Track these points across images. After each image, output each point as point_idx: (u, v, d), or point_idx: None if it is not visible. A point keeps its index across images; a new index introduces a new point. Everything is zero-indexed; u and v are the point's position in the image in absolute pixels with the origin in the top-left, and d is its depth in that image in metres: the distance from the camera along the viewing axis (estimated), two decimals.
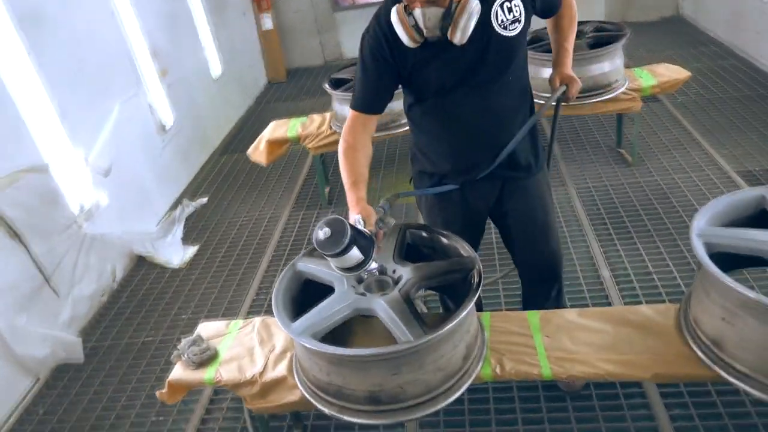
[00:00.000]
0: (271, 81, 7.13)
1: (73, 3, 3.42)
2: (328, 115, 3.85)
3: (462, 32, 1.50)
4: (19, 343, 2.61)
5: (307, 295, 1.66)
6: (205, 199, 4.36)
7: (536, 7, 1.67)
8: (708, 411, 2.04)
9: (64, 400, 2.66)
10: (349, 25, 7.07)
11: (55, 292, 2.93)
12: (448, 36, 1.51)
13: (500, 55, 1.60)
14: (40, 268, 2.82)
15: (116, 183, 3.52)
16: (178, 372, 1.83)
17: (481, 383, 1.65)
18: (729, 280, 1.34)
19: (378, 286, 1.58)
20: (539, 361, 1.60)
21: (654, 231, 3.10)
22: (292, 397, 1.69)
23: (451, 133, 1.74)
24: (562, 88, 1.89)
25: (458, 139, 1.74)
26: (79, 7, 3.48)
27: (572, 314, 1.76)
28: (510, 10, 1.57)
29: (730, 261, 1.50)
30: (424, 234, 1.77)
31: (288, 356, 1.78)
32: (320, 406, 1.54)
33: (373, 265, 1.50)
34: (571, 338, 1.66)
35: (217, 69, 5.60)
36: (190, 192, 4.56)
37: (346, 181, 1.61)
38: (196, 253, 3.69)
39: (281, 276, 1.67)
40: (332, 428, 2.22)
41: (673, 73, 3.56)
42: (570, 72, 1.89)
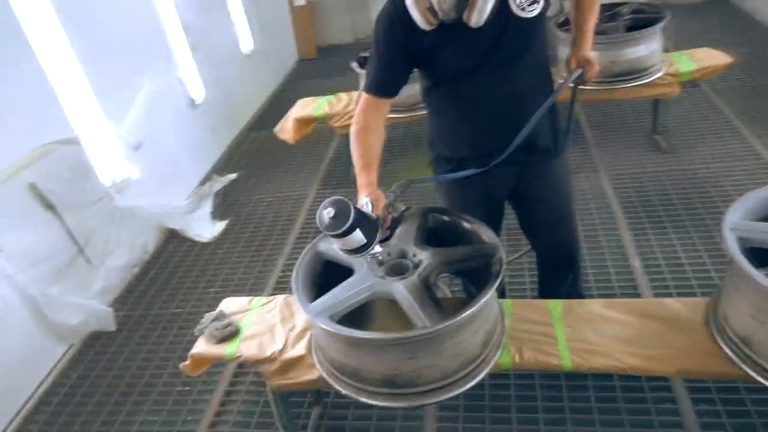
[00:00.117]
0: (302, 58, 7.11)
1: None
2: (355, 94, 3.82)
3: (479, 14, 1.45)
4: (53, 312, 2.70)
5: (328, 276, 1.67)
6: (234, 175, 4.41)
7: None
8: (736, 408, 1.98)
9: (96, 367, 2.75)
10: (381, 3, 6.92)
11: (89, 262, 3.01)
12: (464, 18, 1.47)
13: (518, 38, 1.55)
14: (74, 239, 2.90)
15: (147, 157, 3.58)
16: (201, 346, 1.87)
17: (503, 371, 1.63)
18: (761, 277, 1.29)
19: (398, 269, 1.57)
20: (559, 352, 1.57)
21: (688, 221, 3.01)
22: (311, 376, 1.70)
23: (468, 118, 1.70)
24: (578, 71, 1.84)
25: (476, 123, 1.70)
26: None
27: (596, 305, 1.72)
28: None
29: (764, 257, 1.44)
30: (446, 218, 1.75)
31: (308, 335, 1.80)
32: (337, 387, 1.55)
33: (378, 248, 1.49)
34: (594, 329, 1.63)
35: (248, 45, 5.60)
36: (220, 167, 4.61)
37: (356, 164, 1.60)
38: (225, 229, 3.75)
39: (302, 256, 1.68)
40: (351, 408, 2.24)
41: (714, 59, 3.41)
42: (588, 54, 1.83)
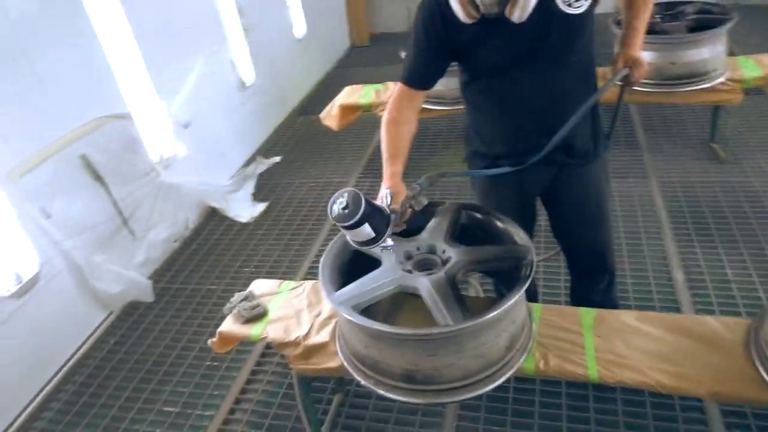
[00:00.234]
0: (354, 45, 7.11)
1: None
2: None
3: (521, 9, 1.39)
4: (96, 279, 2.81)
5: (356, 265, 1.66)
6: (278, 158, 4.46)
7: None
8: None
9: (132, 334, 2.85)
10: None
11: (132, 234, 3.12)
12: (506, 13, 1.41)
13: (563, 35, 1.49)
14: (119, 210, 3.01)
15: (195, 135, 3.66)
16: (228, 324, 1.90)
17: (528, 376, 1.59)
18: None
19: (425, 264, 1.55)
20: (586, 362, 1.52)
21: (740, 236, 2.86)
22: (333, 363, 1.71)
23: (506, 115, 1.66)
24: (625, 70, 1.75)
25: (514, 121, 1.66)
26: None
27: (629, 316, 1.66)
28: None
29: None
30: (479, 216, 1.72)
31: (333, 323, 1.80)
32: (357, 376, 1.55)
33: (389, 242, 1.47)
34: (625, 342, 1.57)
35: (300, 29, 5.64)
36: (264, 150, 4.68)
37: (384, 154, 1.58)
38: (264, 211, 3.80)
39: (332, 244, 1.67)
40: (373, 398, 2.25)
41: None
42: (636, 54, 1.73)
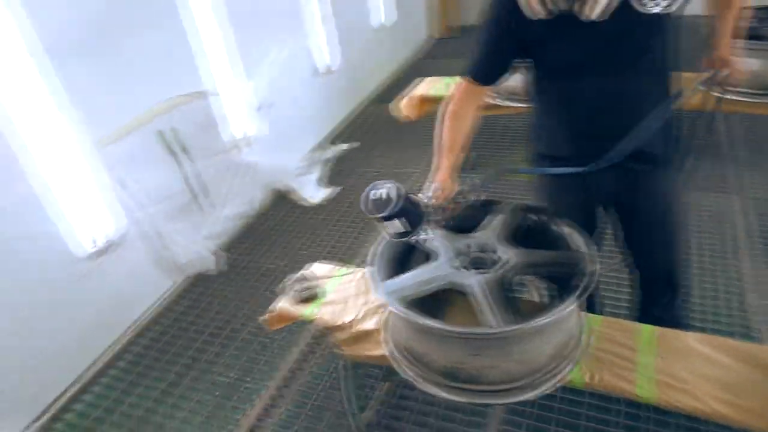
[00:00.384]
0: (435, 36, 7.06)
1: None
2: None
3: (593, 7, 1.32)
4: (166, 248, 2.97)
5: (410, 257, 1.66)
6: (346, 145, 4.51)
7: None
8: None
9: (196, 305, 3.00)
10: None
11: (202, 209, 3.26)
12: (576, 10, 1.35)
13: (639, 35, 1.40)
14: (192, 185, 3.15)
15: (269, 118, 3.77)
16: (282, 303, 1.95)
17: (575, 387, 1.54)
18: None
19: (477, 263, 1.53)
20: (638, 380, 1.45)
21: None
22: (378, 351, 1.71)
23: (573, 116, 1.58)
24: (709, 73, 1.62)
25: (581, 123, 1.58)
26: None
27: (693, 339, 1.56)
28: None
29: None
30: (539, 218, 1.67)
31: (381, 312, 1.81)
32: (399, 367, 1.55)
33: (423, 236, 1.47)
34: (685, 364, 1.48)
35: (380, 18, 5.65)
36: (336, 135, 4.75)
37: (437, 147, 1.56)
38: (329, 196, 3.87)
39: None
40: (418, 391, 2.24)
41: None
42: (723, 54, 1.60)
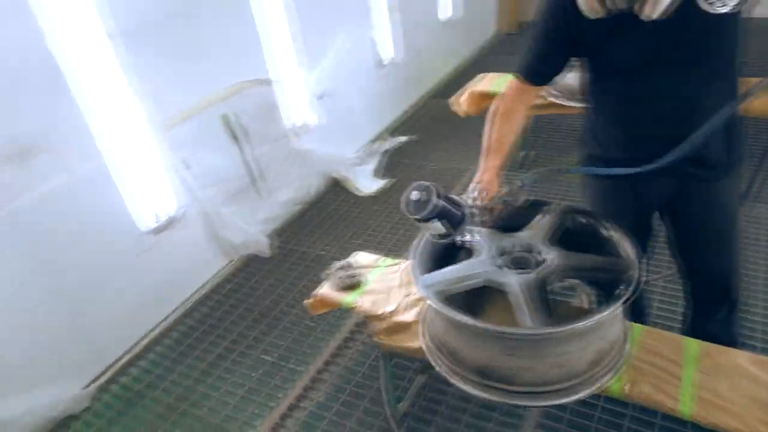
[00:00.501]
0: (501, 32, 6.94)
1: None
2: None
3: (653, 6, 1.25)
4: (222, 228, 3.08)
5: (454, 252, 1.66)
6: (404, 138, 4.53)
7: None
8: None
9: (245, 284, 3.10)
10: None
11: (258, 193, 3.36)
12: (636, 9, 1.29)
13: (701, 36, 1.33)
14: (250, 169, 3.25)
15: (329, 107, 3.83)
16: (324, 289, 1.99)
17: (613, 397, 1.50)
18: None
19: (519, 263, 1.51)
20: (680, 395, 1.40)
21: None
22: (414, 343, 1.73)
23: (628, 119, 1.53)
24: None
25: (636, 126, 1.52)
26: None
27: (743, 357, 1.48)
28: None
29: None
30: (587, 221, 1.62)
31: (420, 304, 1.82)
32: (432, 361, 1.56)
33: (468, 237, 1.47)
34: (731, 384, 1.41)
35: (447, 11, 5.61)
36: (394, 128, 4.77)
37: (483, 146, 1.55)
38: (383, 187, 3.90)
39: None
40: (453, 386, 2.24)
41: None
42: None
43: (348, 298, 1.94)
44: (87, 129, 2.35)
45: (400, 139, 4.51)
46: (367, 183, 3.94)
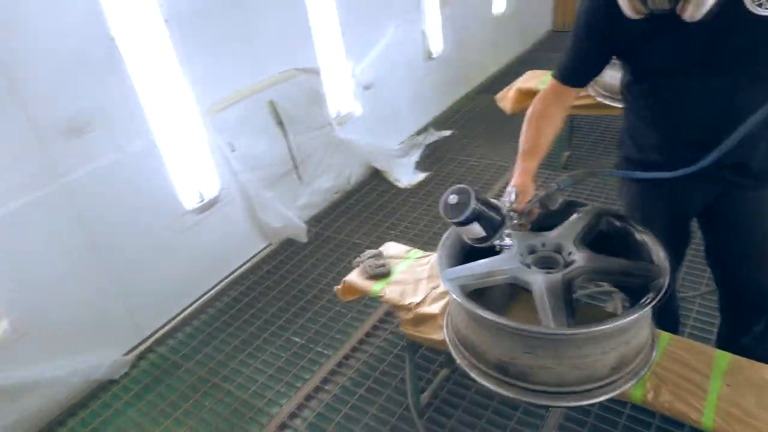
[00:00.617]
0: (555, 29, 6.80)
1: None
2: None
3: (696, 6, 1.21)
4: (262, 211, 3.17)
5: (480, 248, 1.67)
6: (448, 132, 4.52)
7: None
8: None
9: (282, 267, 3.18)
10: None
11: (300, 179, 3.43)
12: (678, 10, 1.24)
13: (747, 39, 1.27)
14: (293, 155, 3.32)
15: (373, 98, 3.87)
16: (353, 276, 2.03)
17: (634, 403, 1.48)
18: None
19: (546, 262, 1.50)
20: (704, 407, 1.37)
21: None
22: (437, 335, 1.75)
23: (668, 123, 1.48)
24: None
25: (675, 130, 1.48)
26: None
27: None
28: None
29: None
30: (620, 225, 1.60)
31: (446, 298, 1.84)
32: (454, 354, 1.58)
33: (507, 241, 1.46)
34: (759, 399, 1.37)
35: (500, 7, 5.54)
36: (438, 122, 4.76)
37: (520, 148, 1.53)
38: (423, 180, 3.91)
39: None
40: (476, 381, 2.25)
41: None
42: None
43: (375, 286, 1.98)
44: (140, 108, 2.46)
45: (444, 133, 4.50)
46: (407, 175, 3.96)
